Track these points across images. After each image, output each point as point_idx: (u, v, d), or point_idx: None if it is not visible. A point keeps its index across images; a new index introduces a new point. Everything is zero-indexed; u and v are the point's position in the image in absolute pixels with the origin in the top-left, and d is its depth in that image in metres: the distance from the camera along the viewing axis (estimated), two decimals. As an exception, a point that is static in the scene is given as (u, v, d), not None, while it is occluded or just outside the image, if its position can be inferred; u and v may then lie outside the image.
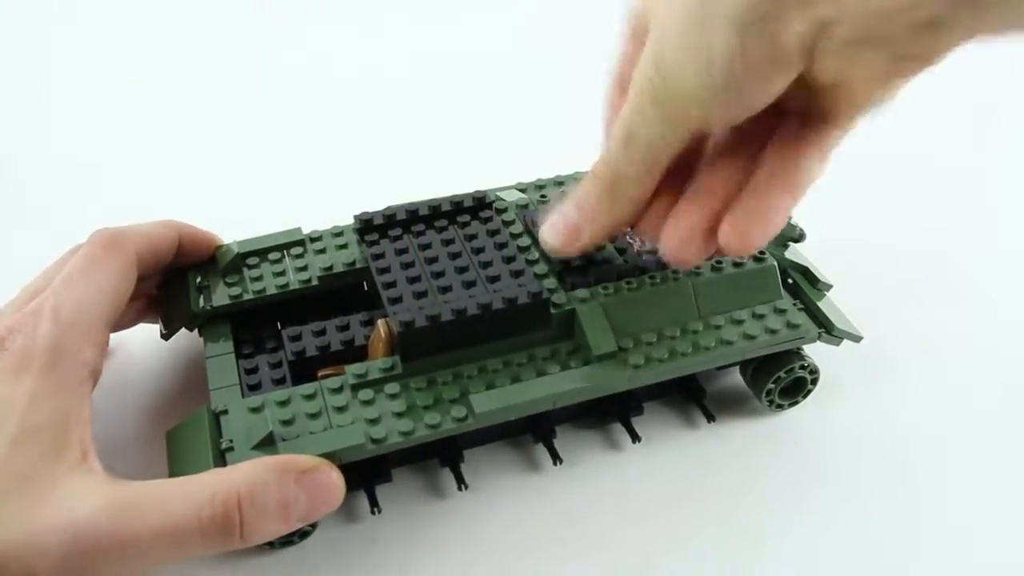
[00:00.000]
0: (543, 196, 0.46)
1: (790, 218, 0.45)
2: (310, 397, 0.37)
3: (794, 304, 0.42)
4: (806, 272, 0.44)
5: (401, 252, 0.42)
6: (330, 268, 0.43)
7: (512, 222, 0.44)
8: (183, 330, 0.42)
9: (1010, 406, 0.44)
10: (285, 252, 0.44)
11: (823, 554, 0.38)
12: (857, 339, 0.42)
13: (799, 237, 0.45)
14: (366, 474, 0.38)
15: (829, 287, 0.43)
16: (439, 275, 0.40)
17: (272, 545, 0.37)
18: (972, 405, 0.44)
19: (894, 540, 0.38)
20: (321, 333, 0.41)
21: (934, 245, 0.54)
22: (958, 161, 0.62)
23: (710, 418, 0.42)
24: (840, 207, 0.56)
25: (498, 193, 0.46)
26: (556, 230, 0.38)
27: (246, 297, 0.42)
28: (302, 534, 0.37)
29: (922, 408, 0.44)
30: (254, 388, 0.39)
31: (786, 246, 0.44)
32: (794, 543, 0.38)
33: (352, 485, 0.36)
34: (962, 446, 0.42)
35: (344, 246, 0.44)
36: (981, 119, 0.67)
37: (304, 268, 0.43)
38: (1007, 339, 0.47)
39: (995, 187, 0.59)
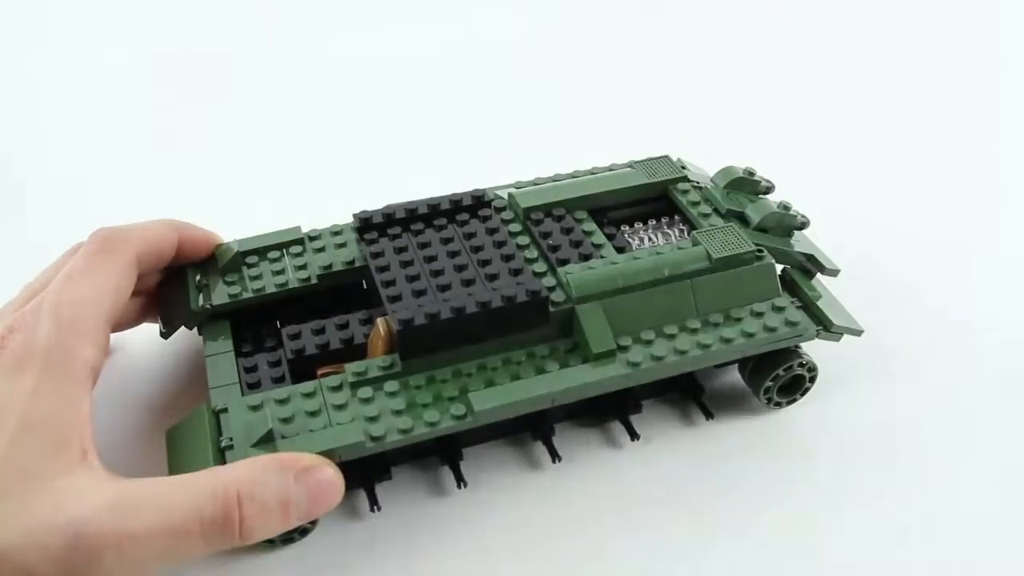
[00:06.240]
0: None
1: (788, 208, 0.45)
2: (310, 395, 0.37)
3: (792, 302, 0.42)
4: (811, 258, 0.44)
5: (400, 251, 0.42)
6: (329, 267, 0.43)
7: (511, 220, 0.44)
8: (183, 329, 0.43)
9: (1010, 402, 0.44)
10: (284, 251, 0.44)
11: (822, 551, 0.38)
12: (858, 333, 0.42)
13: (801, 225, 0.44)
14: (366, 472, 0.38)
15: (836, 272, 0.43)
16: (438, 273, 0.40)
17: (272, 543, 0.37)
18: (972, 402, 0.44)
19: (893, 536, 0.38)
20: (320, 331, 0.41)
21: (935, 240, 0.54)
22: (962, 155, 0.62)
23: (708, 416, 0.42)
24: (841, 201, 0.56)
25: (496, 191, 0.46)
26: None
27: (245, 296, 0.42)
28: (302, 532, 0.37)
29: (921, 405, 0.44)
30: (253, 386, 0.39)
31: (790, 235, 0.44)
32: (793, 539, 0.38)
33: (352, 483, 0.36)
34: (961, 443, 0.42)
35: (343, 245, 0.44)
36: (985, 111, 0.67)
37: (303, 267, 0.43)
38: (1007, 335, 0.47)
39: (998, 181, 0.59)
